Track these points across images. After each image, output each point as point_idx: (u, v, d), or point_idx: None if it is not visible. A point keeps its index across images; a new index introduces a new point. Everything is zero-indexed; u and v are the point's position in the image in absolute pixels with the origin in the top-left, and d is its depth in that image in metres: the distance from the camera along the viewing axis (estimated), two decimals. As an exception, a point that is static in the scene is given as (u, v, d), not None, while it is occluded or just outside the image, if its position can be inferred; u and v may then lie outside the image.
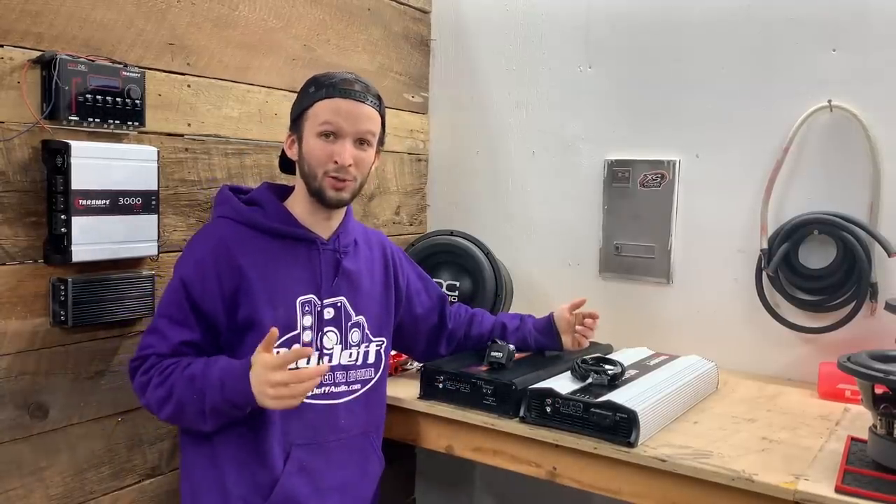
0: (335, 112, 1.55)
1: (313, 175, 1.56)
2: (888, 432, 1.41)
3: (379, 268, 1.76)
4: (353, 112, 1.56)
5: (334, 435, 1.61)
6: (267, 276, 1.53)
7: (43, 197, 1.57)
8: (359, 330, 1.67)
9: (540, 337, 1.94)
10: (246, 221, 1.57)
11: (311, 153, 1.56)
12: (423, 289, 1.90)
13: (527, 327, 1.95)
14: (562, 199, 2.45)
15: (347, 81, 1.57)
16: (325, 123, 1.54)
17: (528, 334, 1.94)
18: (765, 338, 2.12)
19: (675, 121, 2.24)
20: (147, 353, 1.51)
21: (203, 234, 1.59)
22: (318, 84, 1.58)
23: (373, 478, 1.72)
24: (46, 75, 1.55)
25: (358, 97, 1.57)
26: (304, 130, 1.57)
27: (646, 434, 1.57)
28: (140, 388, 1.52)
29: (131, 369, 1.54)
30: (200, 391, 1.44)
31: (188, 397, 1.45)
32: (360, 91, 1.57)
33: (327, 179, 1.56)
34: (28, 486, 1.60)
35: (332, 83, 1.56)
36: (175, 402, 1.46)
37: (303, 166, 1.59)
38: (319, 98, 1.56)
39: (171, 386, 1.47)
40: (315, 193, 1.58)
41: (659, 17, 2.25)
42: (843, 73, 1.99)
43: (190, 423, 1.51)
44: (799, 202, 2.06)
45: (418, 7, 2.61)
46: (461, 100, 2.64)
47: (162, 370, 1.49)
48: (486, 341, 1.89)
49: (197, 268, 1.52)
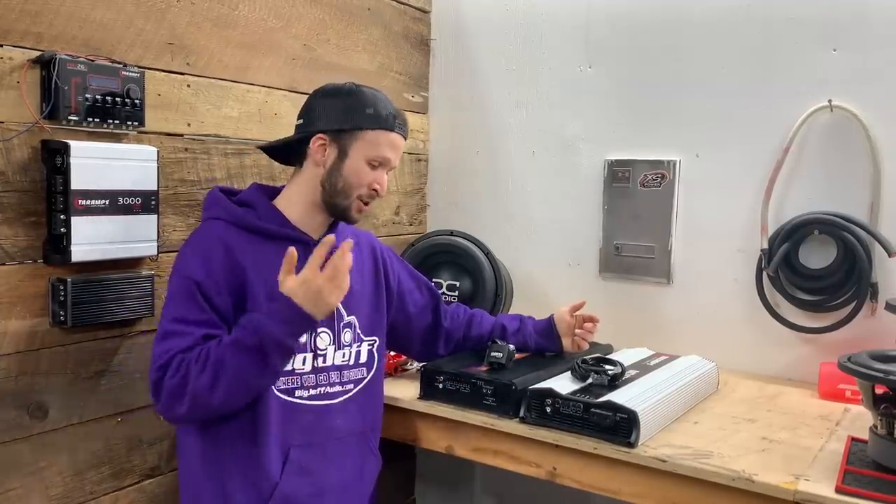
0: (391, 147, 1.60)
1: (346, 194, 1.59)
2: (888, 432, 1.41)
3: (369, 267, 1.76)
4: (399, 148, 1.64)
5: (331, 435, 1.61)
6: (265, 276, 1.53)
7: (42, 197, 1.57)
8: (350, 330, 1.67)
9: (540, 339, 1.94)
10: (238, 222, 1.56)
11: (356, 175, 1.58)
12: (415, 287, 1.90)
13: (527, 329, 1.95)
14: (562, 199, 2.45)
15: (402, 116, 1.63)
16: (382, 157, 1.59)
17: (528, 336, 1.94)
18: (765, 338, 2.12)
19: (675, 121, 2.24)
20: (170, 356, 1.44)
21: (200, 235, 1.58)
22: (377, 110, 1.58)
23: (371, 477, 1.72)
24: (46, 75, 1.54)
25: (405, 135, 1.64)
26: (353, 150, 1.58)
27: (646, 434, 1.57)
28: (177, 388, 1.42)
29: (155, 381, 1.44)
30: (256, 341, 1.39)
31: (243, 359, 1.40)
32: (406, 127, 1.64)
33: (357, 202, 1.60)
34: (28, 486, 1.60)
35: (393, 116, 1.60)
36: (231, 372, 1.40)
37: (335, 180, 1.58)
38: (378, 127, 1.58)
39: (217, 362, 1.40)
40: (337, 209, 1.61)
41: (659, 17, 2.25)
42: (843, 73, 1.99)
43: (252, 386, 1.45)
44: (799, 202, 2.06)
45: (418, 7, 2.61)
46: (461, 100, 2.64)
47: (196, 359, 1.42)
48: (486, 342, 1.89)
49: (205, 266, 1.50)
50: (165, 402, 1.44)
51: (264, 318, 1.42)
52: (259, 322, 1.41)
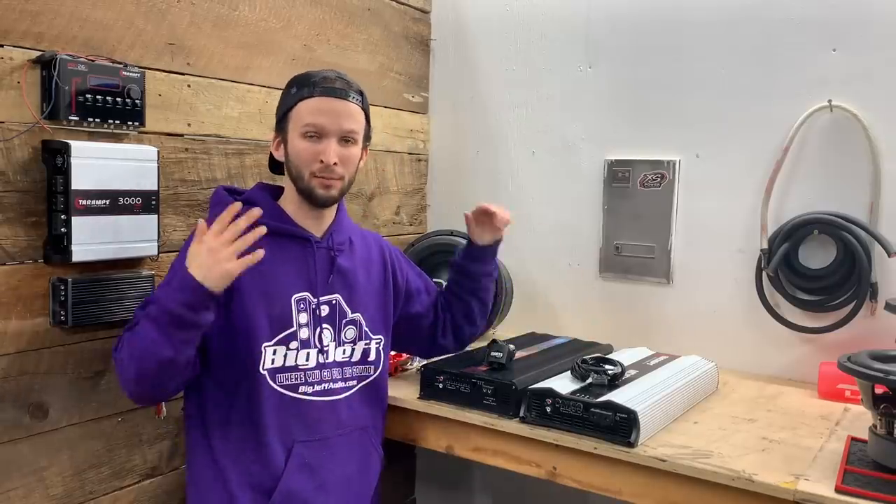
0: (318, 112, 1.55)
1: (300, 175, 1.57)
2: (888, 432, 1.41)
3: (377, 267, 1.76)
4: (335, 110, 1.56)
5: (335, 430, 1.62)
6: (262, 274, 1.53)
7: (43, 197, 1.57)
8: (354, 327, 1.67)
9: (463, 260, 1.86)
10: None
11: (297, 154, 1.57)
12: (423, 288, 1.89)
13: (455, 261, 1.88)
14: (562, 199, 2.45)
15: (328, 79, 1.57)
16: (309, 125, 1.55)
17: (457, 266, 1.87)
18: (765, 338, 2.12)
19: (675, 121, 2.24)
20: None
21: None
22: (299, 84, 1.58)
23: (374, 474, 1.72)
24: (46, 75, 1.54)
25: (340, 94, 1.57)
26: (289, 131, 1.58)
27: (646, 434, 1.57)
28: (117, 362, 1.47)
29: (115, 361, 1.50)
30: (155, 312, 1.37)
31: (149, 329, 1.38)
32: (341, 88, 1.57)
33: (315, 179, 1.57)
34: (28, 486, 1.60)
35: (313, 82, 1.56)
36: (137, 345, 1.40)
37: (290, 167, 1.60)
38: (301, 98, 1.56)
39: (133, 336, 1.42)
40: (304, 193, 1.59)
41: (659, 17, 2.25)
42: (843, 73, 1.99)
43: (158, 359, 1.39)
44: (799, 202, 2.06)
45: (418, 7, 2.61)
46: (461, 100, 2.64)
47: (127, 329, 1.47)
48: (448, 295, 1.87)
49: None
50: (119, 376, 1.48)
51: (162, 288, 1.43)
52: (157, 293, 1.43)
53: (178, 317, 1.36)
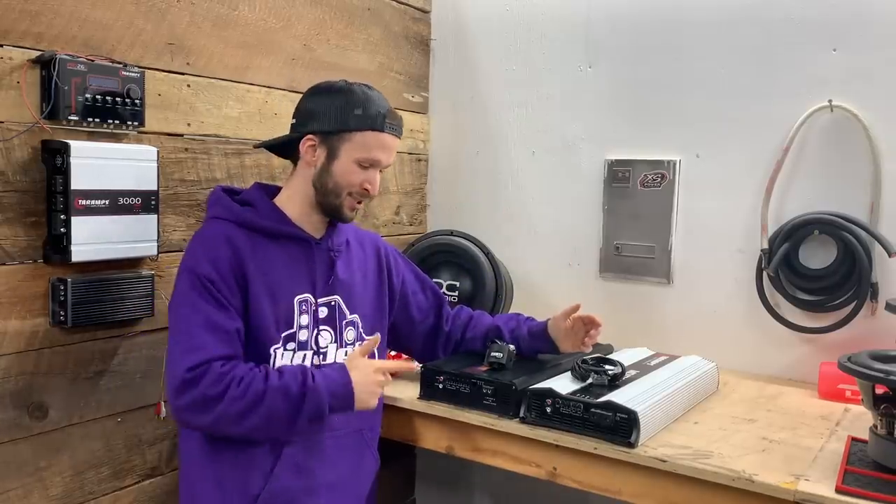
0: (381, 148, 1.58)
1: (336, 193, 1.58)
2: (889, 432, 1.41)
3: (372, 268, 1.76)
4: (392, 148, 1.61)
5: (328, 432, 1.60)
6: (267, 274, 1.54)
7: (43, 197, 1.57)
8: (353, 329, 1.67)
9: (532, 342, 1.88)
10: (239, 221, 1.56)
11: (345, 176, 1.57)
12: (419, 289, 1.89)
13: (521, 332, 1.90)
14: (562, 199, 2.45)
15: (394, 116, 1.60)
16: (371, 159, 1.57)
17: (522, 339, 1.89)
18: (765, 338, 2.12)
19: (675, 121, 2.24)
20: (207, 359, 1.42)
21: (205, 234, 1.58)
22: (366, 110, 1.56)
23: (368, 476, 1.72)
24: (46, 75, 1.54)
25: (398, 133, 1.62)
26: (342, 150, 1.57)
27: (646, 434, 1.57)
28: (205, 402, 1.41)
29: (185, 381, 1.40)
30: (299, 398, 1.43)
31: (280, 408, 1.43)
32: (399, 126, 1.61)
33: (349, 199, 1.59)
34: (28, 486, 1.60)
35: (382, 115, 1.57)
36: (264, 412, 1.42)
37: (325, 180, 1.58)
38: (367, 128, 1.56)
39: (257, 397, 1.41)
40: (329, 208, 1.60)
41: (659, 17, 2.25)
42: (843, 73, 1.99)
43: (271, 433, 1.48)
44: (799, 202, 2.06)
45: (418, 7, 2.61)
46: (461, 100, 2.64)
47: (239, 381, 1.41)
48: (481, 344, 1.88)
49: (216, 265, 1.49)
50: (191, 405, 1.42)
51: (319, 380, 1.46)
52: (312, 382, 1.45)
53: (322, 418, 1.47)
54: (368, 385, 1.50)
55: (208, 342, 1.44)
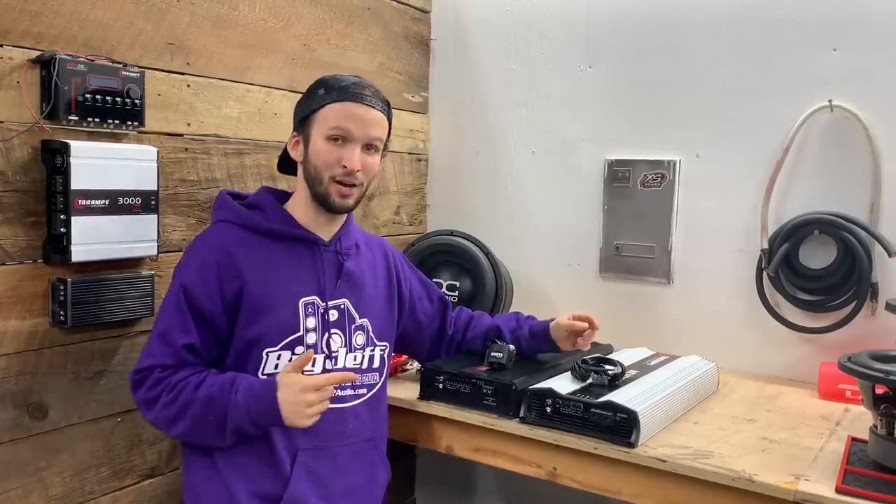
0: (346, 116, 1.53)
1: (319, 179, 1.55)
2: (889, 432, 1.41)
3: (382, 272, 1.75)
4: (363, 117, 1.54)
5: (341, 440, 1.59)
6: (269, 279, 1.53)
7: (42, 197, 1.57)
8: (363, 333, 1.66)
9: (533, 342, 1.89)
10: (246, 224, 1.56)
11: (319, 156, 1.54)
12: (425, 295, 1.89)
13: (522, 331, 1.90)
14: (562, 199, 2.45)
15: (358, 85, 1.56)
16: (336, 128, 1.53)
17: (523, 339, 1.89)
18: (765, 338, 2.12)
19: (675, 121, 2.24)
20: (150, 365, 1.49)
21: (204, 238, 1.58)
22: (328, 86, 1.56)
23: (380, 485, 1.71)
24: (46, 75, 1.54)
25: (369, 102, 1.56)
26: (312, 133, 1.56)
27: (646, 434, 1.57)
28: (146, 403, 1.50)
29: (134, 381, 1.51)
30: (222, 411, 1.44)
31: (206, 418, 1.44)
32: (370, 96, 1.56)
33: (333, 185, 1.55)
34: (28, 486, 1.60)
35: (344, 86, 1.55)
36: (190, 420, 1.45)
37: (308, 169, 1.57)
38: (330, 101, 1.54)
39: (185, 405, 1.45)
40: (319, 198, 1.57)
41: (659, 17, 2.25)
42: (843, 73, 1.99)
43: (203, 440, 1.50)
44: (799, 202, 2.06)
45: (418, 7, 2.61)
46: (461, 100, 2.64)
47: (171, 387, 1.46)
48: (482, 344, 1.88)
49: (199, 271, 1.50)
50: (138, 403, 1.53)
51: (240, 396, 1.44)
52: (236, 397, 1.44)
53: (246, 433, 1.47)
54: (296, 405, 1.43)
55: (157, 353, 1.50)
